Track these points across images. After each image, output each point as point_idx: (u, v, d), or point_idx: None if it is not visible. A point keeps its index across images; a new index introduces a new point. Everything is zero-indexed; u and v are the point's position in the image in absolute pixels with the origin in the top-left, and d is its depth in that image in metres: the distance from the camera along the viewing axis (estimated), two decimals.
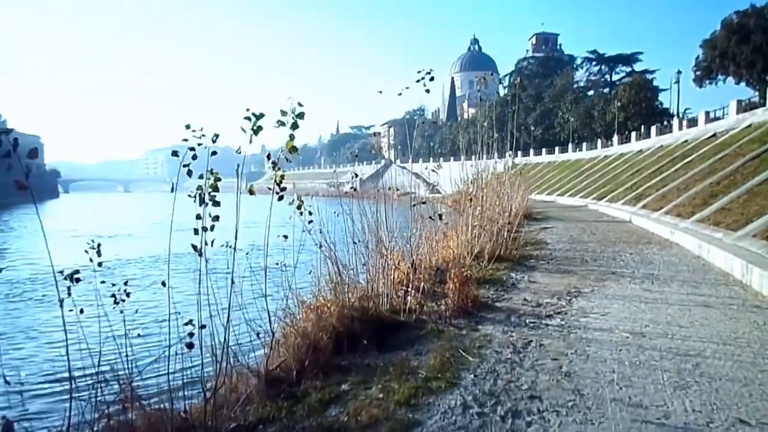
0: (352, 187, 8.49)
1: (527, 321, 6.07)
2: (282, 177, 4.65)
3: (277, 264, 5.27)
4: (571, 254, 11.38)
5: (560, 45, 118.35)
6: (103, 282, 4.19)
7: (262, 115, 4.00)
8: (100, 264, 4.14)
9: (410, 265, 7.07)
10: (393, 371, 4.63)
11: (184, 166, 3.90)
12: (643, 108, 59.19)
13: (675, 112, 53.14)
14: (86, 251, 4.28)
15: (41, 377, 6.18)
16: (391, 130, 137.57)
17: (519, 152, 49.03)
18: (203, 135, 3.87)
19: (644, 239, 13.88)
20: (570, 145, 61.84)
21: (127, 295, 4.20)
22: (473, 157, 12.75)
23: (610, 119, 61.32)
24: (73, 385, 3.69)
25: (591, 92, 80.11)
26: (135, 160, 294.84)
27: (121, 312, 4.43)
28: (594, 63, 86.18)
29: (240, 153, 4.27)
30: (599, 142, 55.32)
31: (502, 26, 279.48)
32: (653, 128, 43.26)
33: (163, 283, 4.28)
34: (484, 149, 12.70)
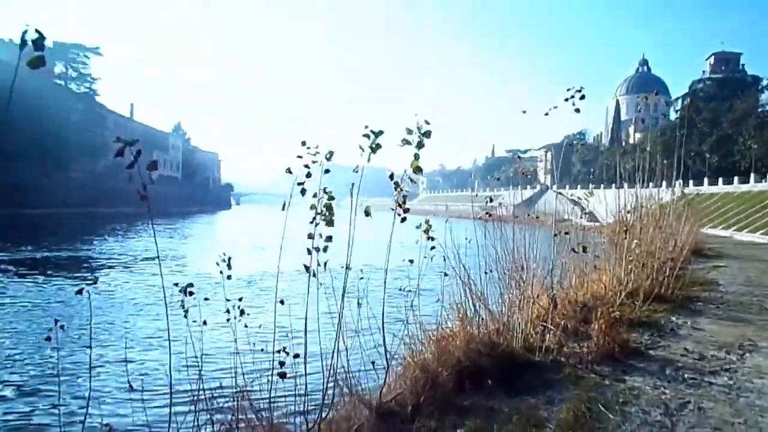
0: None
1: (686, 376, 5.20)
2: (405, 198, 4.44)
3: (401, 290, 5.00)
4: (747, 299, 9.90)
5: (743, 65, 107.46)
6: (237, 299, 4.28)
7: (380, 133, 3.80)
8: (229, 277, 4.23)
9: (550, 300, 6.44)
10: (517, 420, 4.12)
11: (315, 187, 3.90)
12: None
13: None
14: (217, 263, 4.38)
15: (159, 385, 6.46)
16: (548, 154, 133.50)
17: (691, 181, 45.04)
18: (317, 152, 3.77)
19: None
20: (752, 175, 55.55)
21: (242, 312, 4.18)
22: (637, 185, 11.68)
23: None
24: (177, 399, 3.70)
25: None
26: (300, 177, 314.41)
27: (245, 326, 4.45)
28: None
29: (356, 171, 4.11)
30: None
31: (675, 46, 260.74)
32: None
33: (282, 302, 4.23)
34: (647, 176, 11.57)
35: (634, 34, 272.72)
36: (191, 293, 3.92)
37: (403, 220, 4.46)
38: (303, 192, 3.85)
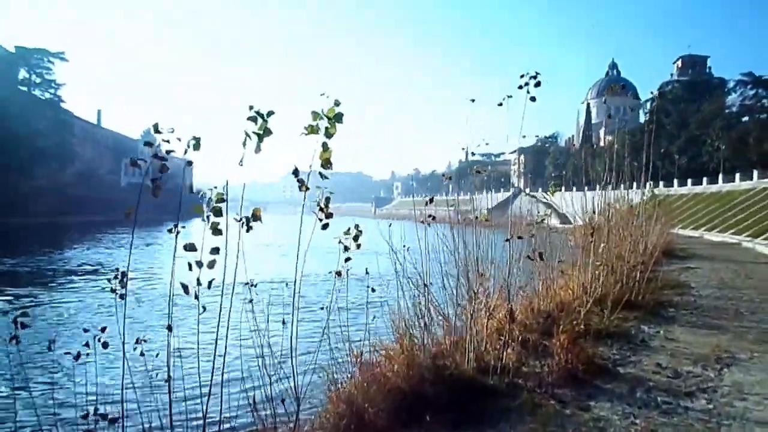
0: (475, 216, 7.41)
1: (659, 400, 4.51)
2: (328, 200, 3.72)
3: (323, 308, 4.24)
4: (721, 303, 9.37)
5: (710, 68, 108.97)
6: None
7: (270, 114, 3.06)
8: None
9: (505, 315, 5.72)
10: None
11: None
12: None
13: None
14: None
15: None
16: (521, 157, 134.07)
17: (661, 182, 45.21)
18: None
19: None
20: (720, 176, 55.90)
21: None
22: (605, 186, 11.11)
23: None
24: None
25: (745, 118, 72.66)
26: (274, 183, 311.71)
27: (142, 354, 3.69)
28: (749, 86, 77.88)
29: (295, 174, 3.37)
30: (755, 172, 49.27)
31: (645, 50, 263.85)
32: None
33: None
34: (616, 178, 11.00)
35: (604, 40, 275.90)
36: None
37: (325, 226, 3.75)
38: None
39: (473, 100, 5.56)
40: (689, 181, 59.70)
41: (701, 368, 5.46)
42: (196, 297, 3.19)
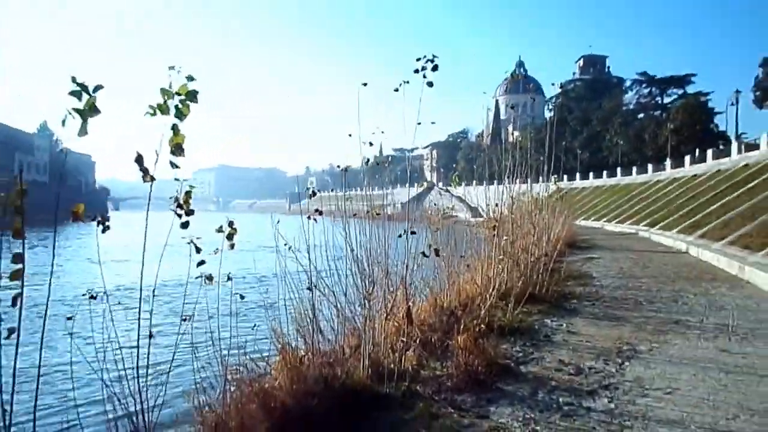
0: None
1: (561, 401, 4.27)
2: (188, 194, 3.19)
3: (184, 319, 3.65)
4: (621, 293, 9.49)
5: (609, 67, 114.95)
6: None
7: (98, 88, 2.51)
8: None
9: (403, 316, 5.34)
10: None
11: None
12: (697, 131, 56.34)
13: (735, 135, 50.11)
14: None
15: None
16: (434, 152, 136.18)
17: (564, 176, 46.99)
18: None
19: (708, 275, 11.85)
20: (619, 169, 58.93)
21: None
22: (516, 180, 11.04)
23: (662, 143, 58.49)
24: None
25: (641, 115, 77.14)
26: (185, 180, 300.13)
27: None
28: (644, 85, 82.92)
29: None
30: (650, 166, 52.25)
31: (549, 49, 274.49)
32: (709, 152, 40.73)
33: None
34: (523, 172, 10.96)
35: (510, 40, 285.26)
36: None
37: (184, 225, 3.21)
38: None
39: (365, 84, 5.15)
40: (591, 174, 62.65)
41: (603, 363, 5.31)
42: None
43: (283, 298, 4.80)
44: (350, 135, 5.36)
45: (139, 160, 2.87)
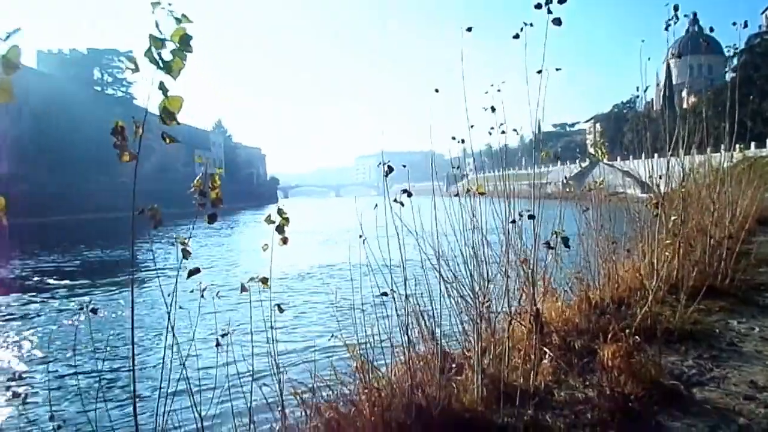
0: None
1: None
2: (216, 180, 2.53)
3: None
4: None
5: None
6: None
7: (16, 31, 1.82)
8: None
9: (530, 321, 4.17)
10: None
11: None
12: None
13: None
14: None
15: None
16: (597, 125, 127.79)
17: (752, 143, 41.46)
18: None
19: None
20: None
21: None
22: (692, 150, 9.17)
23: None
24: None
25: None
26: (346, 167, 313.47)
27: None
28: None
29: None
30: None
31: (728, 3, 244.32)
32: None
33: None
34: (702, 141, 9.05)
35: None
36: None
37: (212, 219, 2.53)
38: None
39: (470, 29, 4.13)
40: None
41: None
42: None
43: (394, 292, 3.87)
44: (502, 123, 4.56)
45: None
